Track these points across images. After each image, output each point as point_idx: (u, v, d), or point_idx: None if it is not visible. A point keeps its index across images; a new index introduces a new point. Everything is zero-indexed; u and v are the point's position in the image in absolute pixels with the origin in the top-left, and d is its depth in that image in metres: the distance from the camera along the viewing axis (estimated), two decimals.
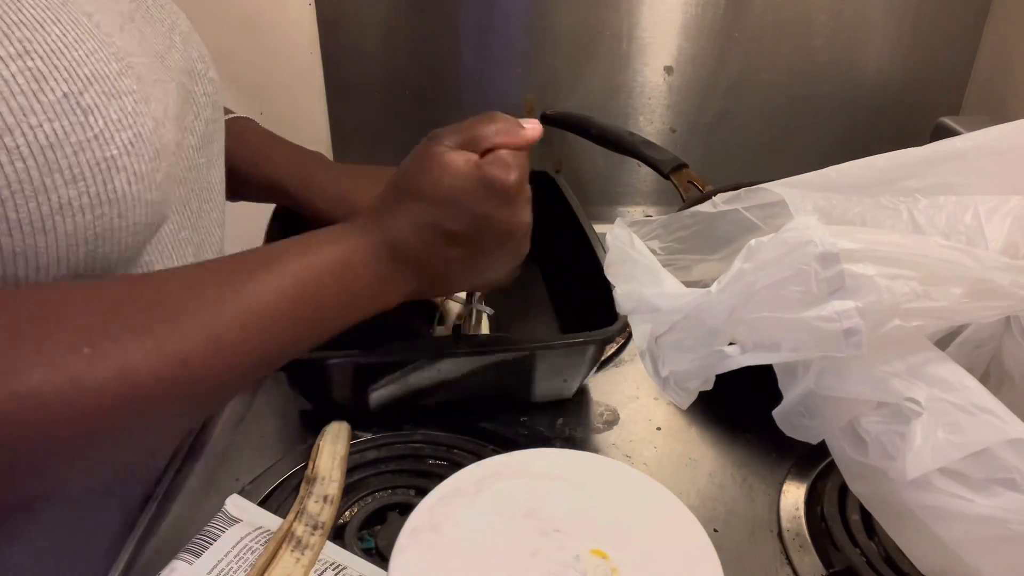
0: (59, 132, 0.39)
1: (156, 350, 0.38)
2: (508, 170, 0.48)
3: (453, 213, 0.48)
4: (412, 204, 0.49)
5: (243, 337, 0.42)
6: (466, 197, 0.48)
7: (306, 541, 0.48)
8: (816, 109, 0.98)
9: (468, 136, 0.50)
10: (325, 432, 0.57)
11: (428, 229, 0.49)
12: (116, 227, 0.43)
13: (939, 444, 0.36)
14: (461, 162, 0.49)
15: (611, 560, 0.35)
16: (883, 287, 0.37)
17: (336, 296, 0.47)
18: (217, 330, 0.41)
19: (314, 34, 0.92)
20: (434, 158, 0.49)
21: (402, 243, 0.49)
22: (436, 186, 0.48)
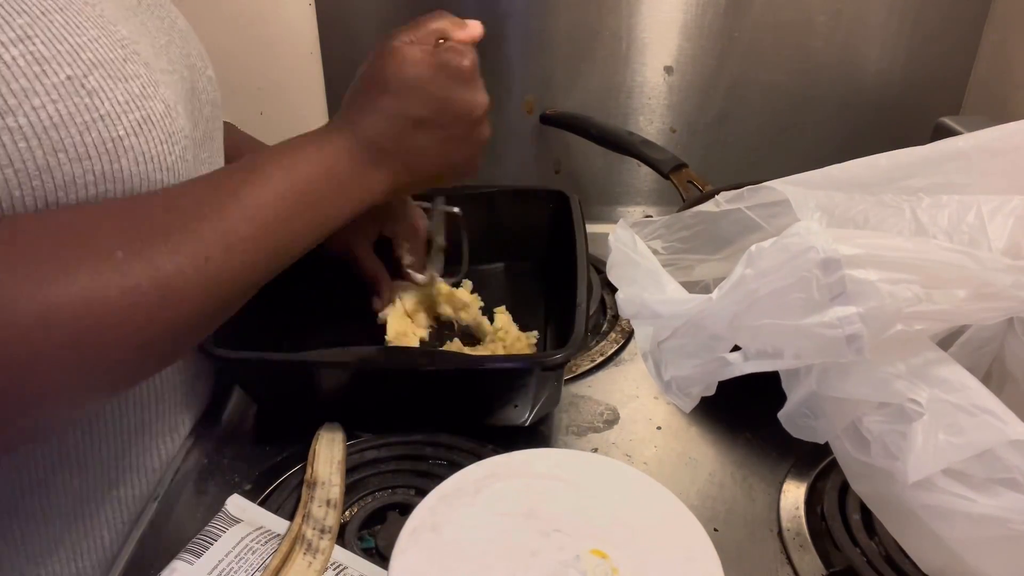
0: (63, 113, 0.40)
1: (179, 250, 0.41)
2: (462, 55, 0.53)
3: (417, 99, 0.52)
4: (379, 98, 0.53)
5: (252, 234, 0.45)
6: (427, 83, 0.53)
7: (316, 545, 0.48)
8: (816, 109, 0.98)
9: (421, 31, 0.54)
10: (319, 436, 0.57)
11: (397, 118, 0.52)
12: None
13: (940, 446, 0.36)
14: (419, 52, 0.53)
15: (611, 560, 0.35)
16: (885, 292, 0.37)
17: (326, 193, 0.50)
18: (228, 230, 0.44)
19: (314, 34, 0.92)
20: (393, 52, 0.53)
21: (376, 136, 0.52)
22: (399, 76, 0.52)
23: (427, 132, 0.53)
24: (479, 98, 0.55)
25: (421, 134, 0.53)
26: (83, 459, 0.51)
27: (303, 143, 0.51)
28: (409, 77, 0.52)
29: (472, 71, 0.54)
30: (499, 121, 0.97)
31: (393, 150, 0.53)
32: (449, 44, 0.54)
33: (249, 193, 0.46)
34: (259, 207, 0.46)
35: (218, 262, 0.43)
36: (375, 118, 0.52)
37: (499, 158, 1.00)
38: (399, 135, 0.53)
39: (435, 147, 0.54)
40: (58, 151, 0.40)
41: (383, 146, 0.52)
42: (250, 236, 0.45)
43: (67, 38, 0.41)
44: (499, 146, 0.99)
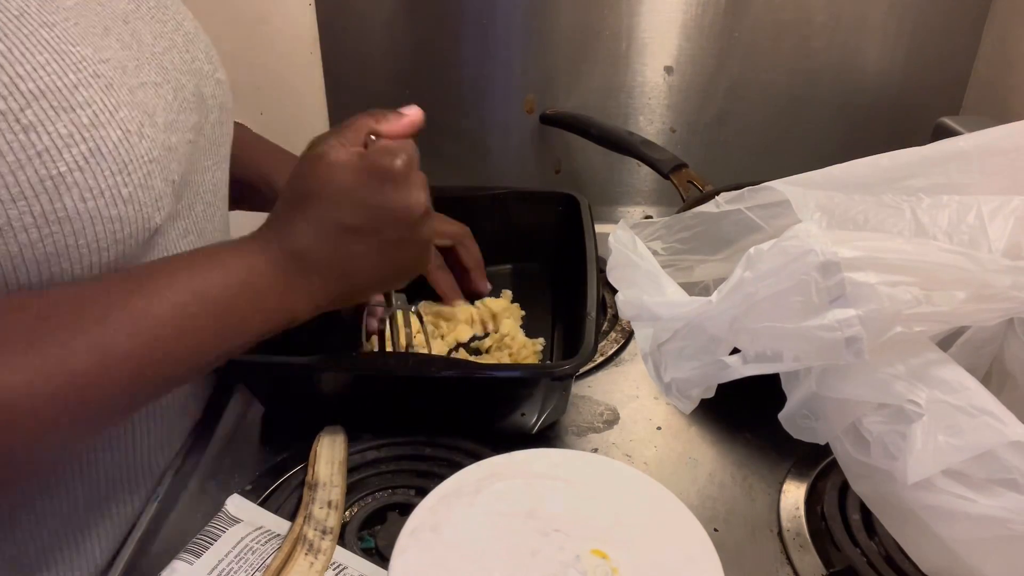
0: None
1: (42, 365, 0.38)
2: (392, 155, 0.48)
3: (346, 206, 0.48)
4: (307, 206, 0.48)
5: (133, 351, 0.41)
6: (357, 189, 0.48)
7: (318, 545, 0.48)
8: (816, 109, 0.98)
9: (349, 133, 0.50)
10: (320, 437, 0.57)
11: (326, 227, 0.48)
12: (72, 245, 0.42)
13: (940, 447, 0.36)
14: (346, 156, 0.49)
15: (611, 560, 0.35)
16: (884, 295, 0.37)
17: (239, 306, 0.46)
18: (105, 343, 0.40)
19: (314, 34, 0.92)
20: (320, 158, 0.49)
21: (304, 250, 0.48)
22: (326, 183, 0.48)
23: (360, 240, 0.49)
24: (415, 198, 0.49)
25: (354, 243, 0.49)
26: (77, 474, 0.51)
27: (221, 251, 0.48)
28: (338, 183, 0.48)
29: (403, 171, 0.48)
30: (499, 121, 0.98)
31: (324, 261, 0.49)
32: (379, 143, 0.49)
33: (141, 303, 0.42)
34: (150, 318, 0.42)
35: (91, 381, 0.39)
36: (303, 228, 0.48)
37: (499, 158, 1.00)
38: (330, 245, 0.48)
39: (372, 255, 0.50)
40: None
41: (312, 257, 0.48)
42: (135, 353, 0.41)
43: (5, 68, 0.39)
44: (499, 146, 0.99)
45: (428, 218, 0.51)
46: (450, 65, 0.94)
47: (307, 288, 0.49)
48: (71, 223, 0.41)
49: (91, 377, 0.40)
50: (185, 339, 0.44)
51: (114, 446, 0.52)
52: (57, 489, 0.50)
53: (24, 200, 0.39)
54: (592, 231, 0.70)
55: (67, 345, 0.39)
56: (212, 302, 0.44)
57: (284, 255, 0.48)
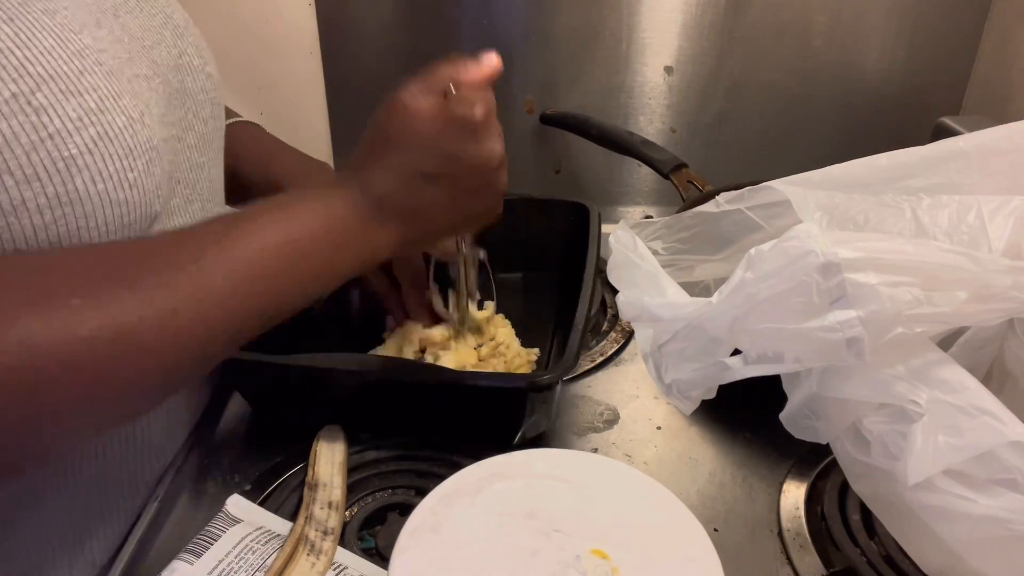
0: (7, 133, 0.39)
1: (146, 300, 0.39)
2: (471, 106, 0.50)
3: (426, 154, 0.50)
4: (387, 153, 0.50)
5: (230, 290, 0.42)
6: (436, 137, 0.50)
7: (319, 546, 0.48)
8: (816, 109, 0.98)
9: (430, 81, 0.51)
10: (320, 437, 0.57)
11: (406, 174, 0.50)
12: (83, 227, 0.42)
13: (940, 448, 0.36)
14: (426, 105, 0.50)
15: (611, 560, 0.35)
16: (885, 296, 0.37)
17: (324, 249, 0.48)
18: (204, 282, 0.41)
19: (314, 34, 0.92)
20: (401, 106, 0.50)
21: (383, 194, 0.50)
22: (406, 131, 0.50)
23: (439, 187, 0.51)
24: (493, 149, 0.52)
25: (432, 189, 0.51)
26: (76, 474, 0.51)
27: (304, 195, 0.49)
28: (417, 131, 0.50)
29: (484, 121, 0.50)
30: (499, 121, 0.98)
31: (402, 207, 0.50)
32: (459, 94, 0.50)
33: (233, 244, 0.43)
34: (241, 260, 0.43)
35: (189, 316, 0.40)
36: (382, 174, 0.50)
37: None
38: (408, 192, 0.50)
39: (448, 201, 0.51)
40: (3, 174, 0.38)
41: (391, 203, 0.50)
42: (229, 291, 0.42)
43: (14, 51, 0.39)
44: None
45: (503, 167, 0.53)
46: None
47: (386, 232, 0.50)
48: (82, 205, 0.42)
49: (190, 315, 0.41)
50: (276, 280, 0.45)
51: (115, 447, 0.52)
52: (58, 489, 0.50)
53: (38, 181, 0.40)
54: (597, 241, 0.69)
55: (168, 284, 0.40)
56: (298, 247, 0.46)
57: (365, 200, 0.49)
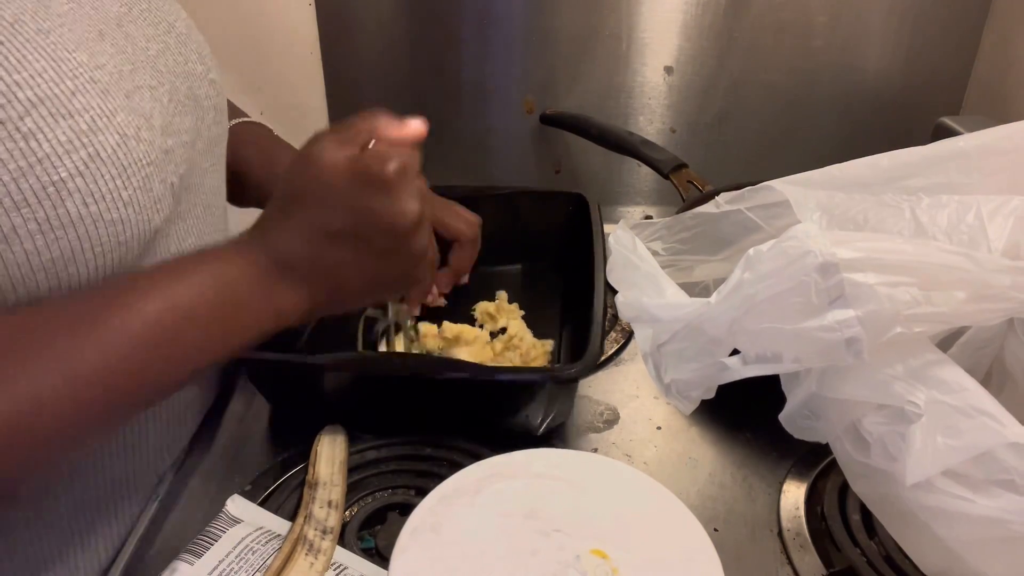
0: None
1: (9, 394, 0.37)
2: (385, 161, 0.46)
3: (333, 210, 0.47)
4: (294, 209, 0.47)
5: (106, 366, 0.40)
6: (344, 192, 0.46)
7: (318, 545, 0.48)
8: (816, 109, 0.98)
9: (348, 133, 0.48)
10: (321, 437, 0.57)
11: (311, 232, 0.47)
12: (76, 249, 0.42)
13: (938, 448, 0.36)
14: (339, 158, 0.47)
15: (611, 560, 0.35)
16: (884, 295, 0.37)
17: (218, 316, 0.45)
18: (74, 365, 0.39)
19: (314, 34, 0.92)
20: (311, 157, 0.47)
21: (287, 253, 0.47)
22: (314, 185, 0.47)
23: (345, 247, 0.47)
24: (405, 208, 0.47)
25: (338, 249, 0.47)
26: (81, 476, 0.51)
27: (200, 258, 0.46)
28: (325, 184, 0.46)
29: (395, 178, 0.46)
30: (499, 121, 0.98)
31: (307, 267, 0.47)
32: (374, 148, 0.47)
33: (112, 320, 0.40)
34: (123, 336, 0.40)
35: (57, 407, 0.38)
36: (288, 231, 0.47)
37: (499, 158, 1.00)
38: (314, 251, 0.47)
39: (357, 263, 0.48)
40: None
41: (295, 263, 0.47)
42: (107, 373, 0.40)
43: (3, 77, 0.39)
44: (499, 146, 0.99)
45: (420, 230, 0.49)
46: (450, 65, 0.94)
47: (291, 295, 0.47)
48: (74, 228, 0.41)
49: (62, 404, 0.38)
50: (162, 352, 0.42)
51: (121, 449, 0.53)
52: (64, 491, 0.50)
53: (28, 207, 0.39)
54: (601, 233, 0.69)
55: (36, 365, 0.38)
56: (188, 314, 0.43)
57: (268, 260, 0.46)
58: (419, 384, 0.58)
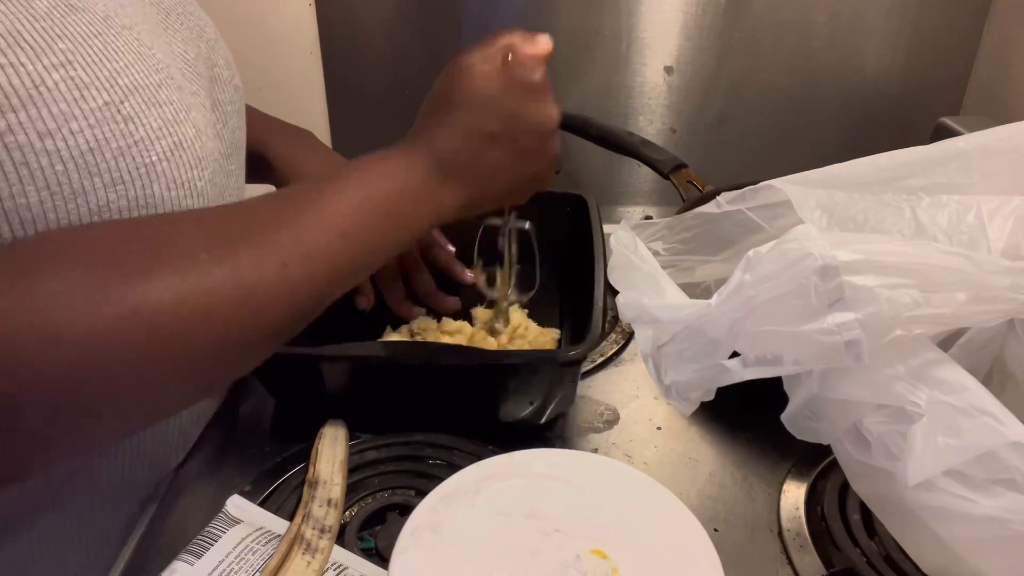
0: (99, 138, 0.41)
1: (260, 255, 0.41)
2: (532, 69, 0.52)
3: (490, 114, 0.52)
4: (452, 114, 0.52)
5: (329, 244, 0.44)
6: (499, 97, 0.52)
7: (315, 544, 0.48)
8: (816, 109, 0.98)
9: (489, 48, 0.53)
10: (322, 435, 0.57)
11: (470, 134, 0.52)
12: None
13: (939, 449, 0.36)
14: (489, 68, 0.52)
15: (611, 560, 0.35)
16: (883, 298, 0.37)
17: (401, 207, 0.49)
18: (306, 239, 0.43)
19: (314, 34, 0.92)
20: (464, 69, 0.52)
21: (449, 154, 0.51)
22: (471, 92, 0.52)
23: (499, 147, 0.53)
24: (551, 110, 0.54)
25: (493, 149, 0.52)
26: (91, 479, 0.51)
27: (377, 159, 0.51)
28: (480, 93, 0.52)
29: (543, 84, 0.53)
30: None
31: (465, 166, 0.52)
32: (518, 59, 0.53)
33: (326, 204, 0.46)
34: (336, 217, 0.45)
35: (297, 269, 0.43)
36: (447, 134, 0.52)
37: None
38: (472, 150, 0.52)
39: (507, 162, 0.53)
40: (93, 175, 0.41)
41: (455, 162, 0.51)
42: (327, 246, 0.45)
43: (105, 63, 0.42)
44: None
45: (557, 133, 0.55)
46: None
47: (451, 191, 0.52)
48: (157, 209, 0.44)
49: (298, 268, 0.43)
50: (363, 236, 0.47)
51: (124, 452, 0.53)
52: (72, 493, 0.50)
53: (123, 184, 0.42)
54: (600, 229, 0.71)
55: (276, 240, 0.42)
56: (380, 204, 0.48)
57: (432, 161, 0.51)
58: (424, 373, 0.58)
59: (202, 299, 0.38)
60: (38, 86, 0.38)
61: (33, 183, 0.39)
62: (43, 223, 0.40)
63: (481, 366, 0.58)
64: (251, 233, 0.42)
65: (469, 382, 0.59)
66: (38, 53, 0.39)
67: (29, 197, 0.39)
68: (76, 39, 0.41)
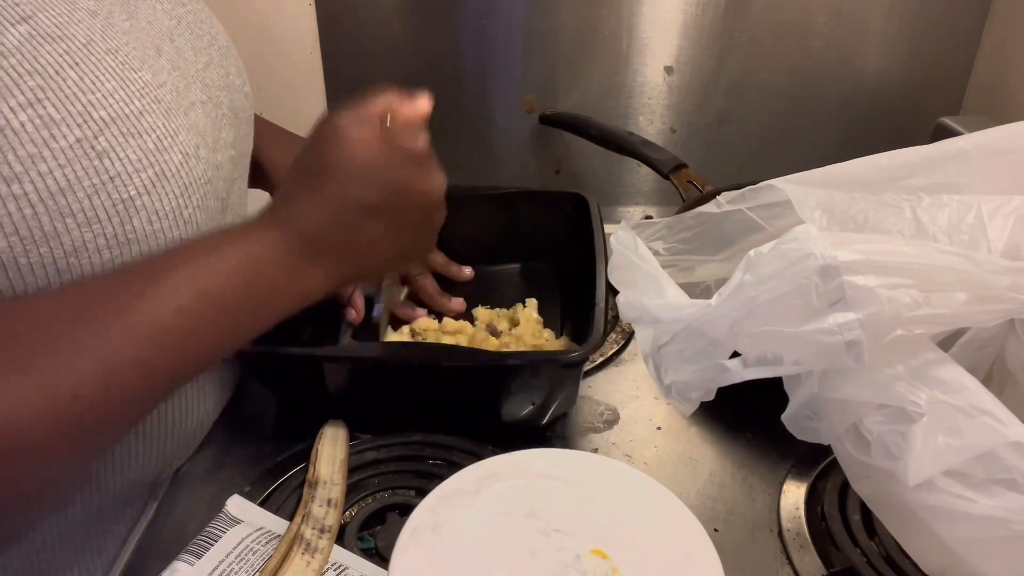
0: (71, 177, 0.39)
1: (43, 387, 0.36)
2: (415, 135, 0.48)
3: (368, 185, 0.47)
4: (323, 185, 0.47)
5: (138, 361, 0.39)
6: (379, 166, 0.47)
7: (315, 544, 0.48)
8: (816, 109, 0.98)
9: (365, 110, 0.48)
10: (322, 435, 0.57)
11: (343, 206, 0.47)
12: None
13: (939, 449, 0.36)
14: (367, 134, 0.47)
15: (611, 560, 0.35)
16: (884, 298, 0.37)
17: (248, 299, 0.44)
18: (108, 357, 0.38)
19: (314, 34, 0.92)
20: (338, 134, 0.47)
21: (316, 229, 0.46)
22: (347, 160, 0.46)
23: (377, 221, 0.48)
24: (436, 180, 0.49)
25: (370, 223, 0.47)
26: (98, 485, 0.51)
27: (221, 242, 0.45)
28: (360, 160, 0.46)
29: (425, 151, 0.48)
30: (499, 121, 0.98)
31: (337, 243, 0.47)
32: (400, 123, 0.48)
33: (143, 311, 0.39)
34: (155, 328, 0.39)
35: (92, 398, 0.37)
36: (316, 209, 0.46)
37: (499, 158, 1.00)
38: (345, 226, 0.47)
39: (386, 236, 0.48)
40: (65, 216, 0.39)
41: (324, 239, 0.46)
42: (140, 363, 0.39)
43: (80, 96, 0.40)
44: (499, 146, 0.99)
45: (443, 204, 0.51)
46: (450, 65, 0.94)
47: (318, 271, 0.47)
48: (139, 244, 0.42)
49: (98, 393, 0.38)
50: (192, 339, 0.42)
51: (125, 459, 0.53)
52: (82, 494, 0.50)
53: (98, 223, 0.40)
54: (601, 228, 0.70)
55: (71, 357, 0.37)
56: (216, 300, 0.42)
57: (295, 240, 0.46)
58: (425, 373, 0.58)
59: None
60: (3, 129, 0.37)
61: (1, 229, 0.37)
62: (14, 268, 0.38)
63: (483, 367, 0.58)
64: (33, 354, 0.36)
65: (471, 383, 0.59)
66: (3, 94, 0.37)
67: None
68: (47, 73, 0.39)
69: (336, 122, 0.47)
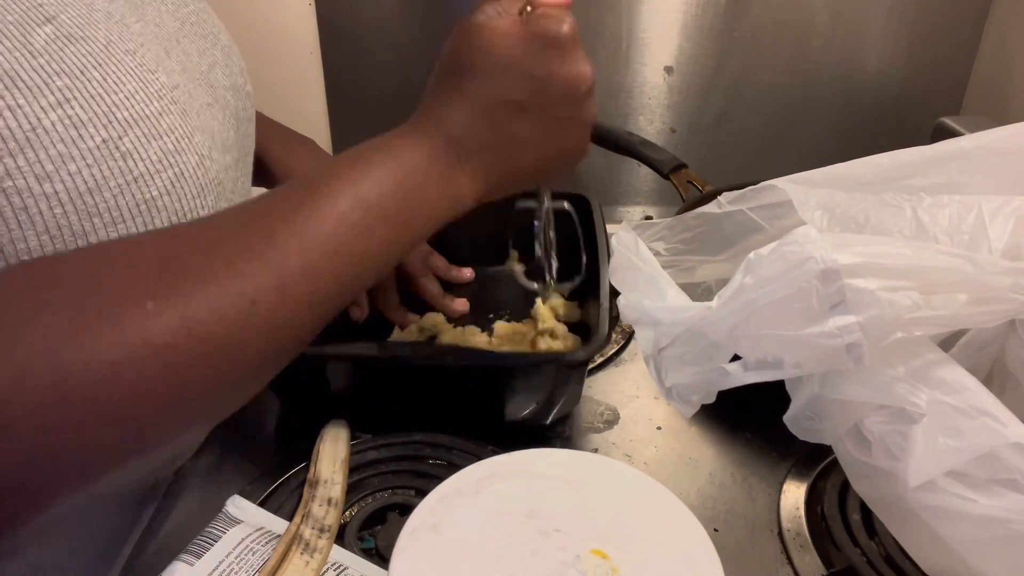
0: (98, 177, 0.39)
1: (221, 294, 0.36)
2: (559, 21, 0.44)
3: (512, 80, 0.44)
4: (466, 84, 0.45)
5: (310, 268, 0.39)
6: (522, 59, 0.44)
7: (314, 544, 0.48)
8: (816, 109, 0.98)
9: (504, 1, 0.45)
10: (324, 434, 0.57)
11: (490, 107, 0.45)
12: None
13: (940, 450, 0.36)
14: (507, 25, 0.44)
15: (611, 560, 0.35)
16: (884, 300, 0.37)
17: (403, 208, 0.43)
18: (281, 265, 0.38)
19: (314, 34, 0.92)
20: (476, 28, 0.45)
21: (465, 133, 0.45)
22: (488, 56, 0.44)
23: (526, 118, 0.45)
24: (584, 69, 0.45)
25: (519, 121, 0.45)
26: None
27: (372, 150, 0.44)
28: (500, 55, 0.44)
29: (572, 39, 0.44)
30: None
31: (486, 145, 0.45)
32: (541, 11, 0.45)
33: (306, 219, 0.39)
34: (318, 235, 0.39)
35: (269, 305, 0.37)
36: (460, 108, 0.44)
37: None
38: (493, 126, 0.45)
39: (537, 134, 0.46)
40: (93, 216, 0.39)
41: (473, 142, 0.44)
42: (308, 270, 0.39)
43: (104, 97, 0.40)
44: None
45: (593, 94, 0.47)
46: None
47: (469, 176, 0.45)
48: None
49: (270, 304, 0.37)
50: (354, 247, 0.41)
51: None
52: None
53: (123, 223, 0.40)
54: (603, 228, 0.70)
55: (243, 273, 0.37)
56: (374, 208, 0.41)
57: (442, 143, 0.44)
58: (429, 373, 0.59)
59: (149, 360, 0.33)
60: (35, 128, 0.37)
61: (32, 227, 0.37)
62: None
63: (486, 367, 0.58)
64: (210, 266, 0.37)
65: (474, 383, 0.59)
66: (35, 93, 0.37)
67: (29, 242, 0.37)
68: (74, 73, 0.39)
69: (475, 15, 0.45)
